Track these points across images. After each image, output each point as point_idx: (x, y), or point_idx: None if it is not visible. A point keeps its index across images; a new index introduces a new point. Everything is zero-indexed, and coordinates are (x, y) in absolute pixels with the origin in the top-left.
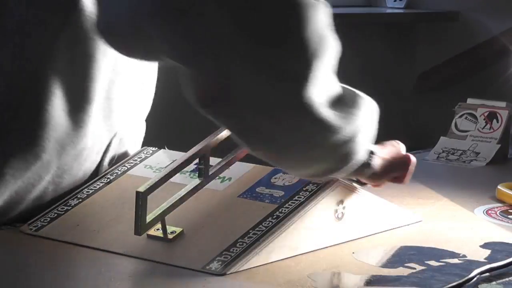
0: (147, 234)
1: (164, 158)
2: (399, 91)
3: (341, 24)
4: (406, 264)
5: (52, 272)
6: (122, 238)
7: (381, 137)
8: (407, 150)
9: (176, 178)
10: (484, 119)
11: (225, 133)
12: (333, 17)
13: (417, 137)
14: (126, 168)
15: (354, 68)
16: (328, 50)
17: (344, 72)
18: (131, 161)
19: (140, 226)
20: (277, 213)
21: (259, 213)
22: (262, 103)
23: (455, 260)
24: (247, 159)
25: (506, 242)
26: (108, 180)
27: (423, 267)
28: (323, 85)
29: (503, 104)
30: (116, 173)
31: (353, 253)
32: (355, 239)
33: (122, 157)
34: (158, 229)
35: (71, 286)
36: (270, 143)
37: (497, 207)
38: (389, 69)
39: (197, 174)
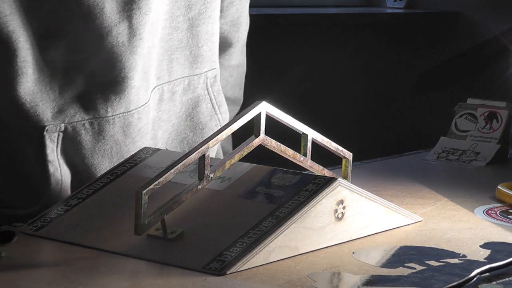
0: (147, 234)
1: (164, 158)
2: (399, 91)
3: (341, 24)
4: (406, 264)
5: (52, 272)
6: (122, 238)
7: (381, 137)
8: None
9: (176, 178)
10: (484, 119)
11: (225, 133)
12: (333, 17)
13: (417, 137)
14: (126, 168)
15: (354, 68)
16: None
17: (344, 72)
18: (131, 161)
19: (140, 226)
20: (277, 213)
21: (259, 213)
22: None
23: (455, 260)
24: (247, 159)
25: (506, 242)
26: (108, 180)
27: (423, 267)
28: None
29: (503, 104)
30: (116, 173)
31: (353, 253)
32: (355, 239)
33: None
34: (158, 229)
35: (71, 286)
36: None
37: (497, 207)
38: (389, 69)
39: (197, 174)
